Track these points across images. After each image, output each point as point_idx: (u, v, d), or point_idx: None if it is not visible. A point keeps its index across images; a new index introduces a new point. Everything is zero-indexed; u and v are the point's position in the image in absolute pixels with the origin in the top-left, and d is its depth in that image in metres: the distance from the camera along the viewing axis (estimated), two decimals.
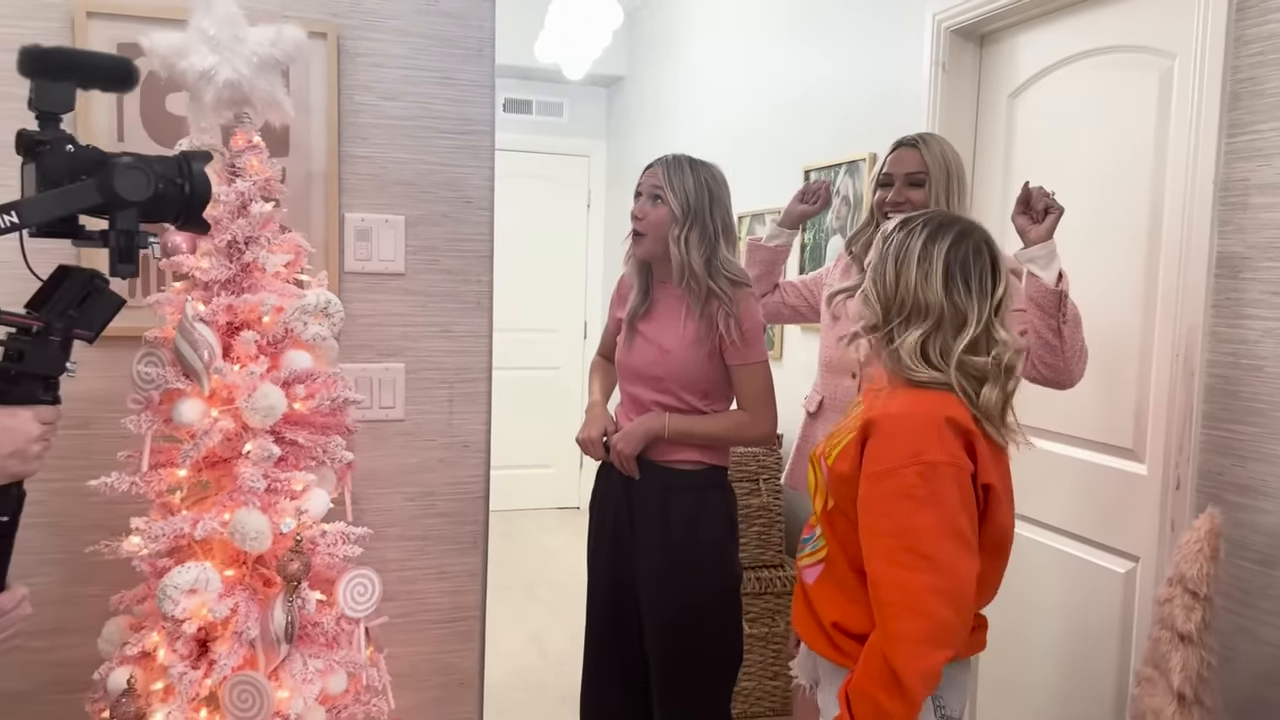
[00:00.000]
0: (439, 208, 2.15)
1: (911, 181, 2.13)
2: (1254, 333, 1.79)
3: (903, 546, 1.37)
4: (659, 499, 2.11)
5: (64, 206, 1.10)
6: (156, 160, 1.16)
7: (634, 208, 2.15)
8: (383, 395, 2.15)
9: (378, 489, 2.15)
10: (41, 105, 1.13)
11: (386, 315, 2.13)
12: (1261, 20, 1.78)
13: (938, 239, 1.46)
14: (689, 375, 2.10)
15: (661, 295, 2.18)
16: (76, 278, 1.15)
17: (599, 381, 2.39)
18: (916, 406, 1.44)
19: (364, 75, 2.06)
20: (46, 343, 1.11)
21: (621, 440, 2.13)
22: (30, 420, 1.10)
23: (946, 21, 2.65)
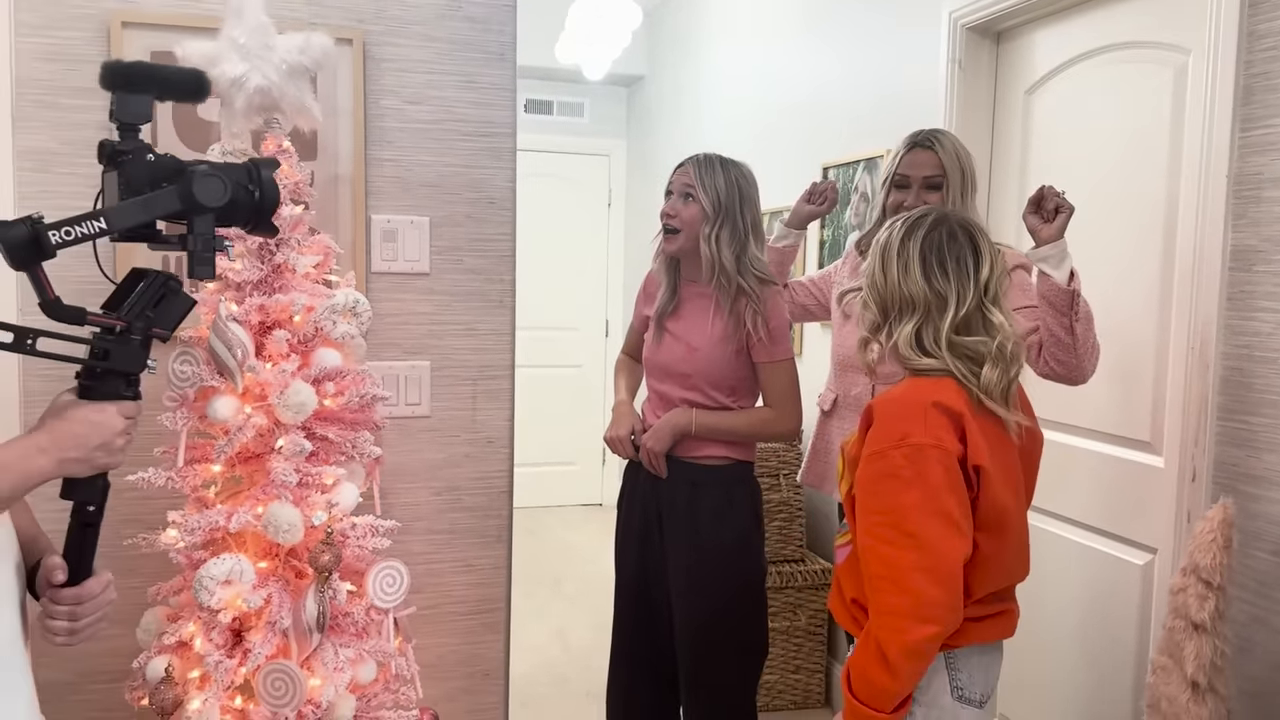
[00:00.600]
0: (462, 209, 2.19)
1: (929, 185, 2.12)
2: (1268, 325, 1.81)
3: (889, 524, 1.44)
4: (686, 495, 2.15)
5: (147, 213, 1.16)
6: (229, 168, 1.22)
7: (665, 206, 2.18)
8: (409, 392, 2.20)
9: (405, 483, 2.20)
10: (122, 116, 1.19)
11: (412, 314, 2.18)
12: (1274, 15, 1.80)
13: (913, 233, 1.52)
14: (717, 372, 2.13)
15: (689, 294, 2.21)
16: (153, 280, 1.20)
17: (625, 380, 2.42)
18: (909, 392, 1.49)
19: (389, 80, 2.11)
20: (128, 342, 1.17)
21: (651, 438, 2.16)
22: (115, 415, 1.15)
23: (963, 19, 2.67)
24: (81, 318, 1.13)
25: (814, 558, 3.28)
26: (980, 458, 1.43)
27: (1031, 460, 1.60)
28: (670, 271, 2.23)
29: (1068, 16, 2.45)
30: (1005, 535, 1.50)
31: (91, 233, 1.10)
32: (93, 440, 1.13)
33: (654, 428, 2.17)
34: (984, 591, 1.49)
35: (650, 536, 2.23)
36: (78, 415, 1.13)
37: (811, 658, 3.25)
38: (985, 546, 1.47)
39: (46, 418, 1.14)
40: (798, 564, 3.22)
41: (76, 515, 1.19)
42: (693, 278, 2.20)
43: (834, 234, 3.33)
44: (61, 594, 1.19)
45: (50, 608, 1.20)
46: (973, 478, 1.45)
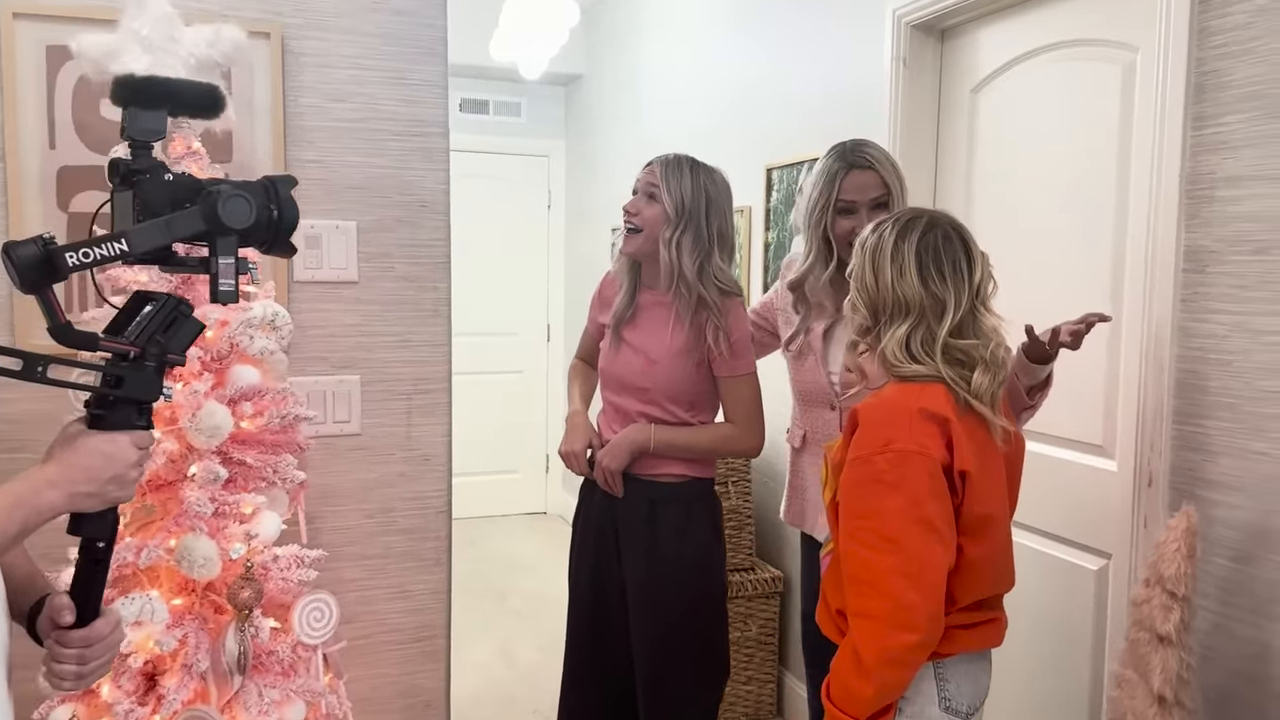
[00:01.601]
0: (393, 212, 2.08)
1: (876, 204, 2.03)
2: (1223, 327, 1.77)
3: (870, 528, 1.42)
4: (645, 513, 2.06)
5: (170, 234, 1.11)
6: (250, 186, 1.16)
7: (628, 203, 2.08)
8: (337, 409, 2.07)
9: (334, 507, 2.08)
10: (135, 134, 1.15)
11: (340, 325, 2.06)
12: (1224, 12, 1.76)
13: (907, 234, 1.49)
14: (676, 387, 2.05)
15: (647, 301, 2.12)
16: (164, 304, 1.15)
17: (579, 388, 2.30)
18: (895, 397, 1.47)
19: (310, 76, 1.99)
20: (142, 368, 1.11)
21: (607, 456, 2.06)
22: (128, 445, 1.09)
23: (907, 16, 2.61)
24: (94, 343, 1.09)
25: (764, 566, 3.21)
26: (966, 463, 1.41)
27: (1015, 466, 1.59)
28: (630, 275, 2.13)
29: (1014, 14, 2.41)
30: (990, 541, 1.48)
31: (111, 255, 1.05)
32: (105, 473, 1.07)
33: (610, 445, 2.07)
34: (971, 599, 1.47)
35: (606, 555, 2.13)
36: (89, 446, 1.08)
37: (763, 668, 3.18)
38: (970, 552, 1.45)
39: (55, 449, 1.09)
40: (748, 573, 3.15)
41: (85, 552, 1.14)
42: (651, 284, 2.11)
43: (778, 236, 3.27)
44: (69, 636, 1.13)
45: (57, 650, 1.13)
46: (958, 484, 1.42)
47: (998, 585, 1.54)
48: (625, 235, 2.07)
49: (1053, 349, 1.78)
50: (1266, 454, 1.70)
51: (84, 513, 1.09)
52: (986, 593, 1.52)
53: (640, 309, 2.12)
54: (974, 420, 1.46)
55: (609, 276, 2.25)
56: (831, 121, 2.97)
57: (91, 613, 1.15)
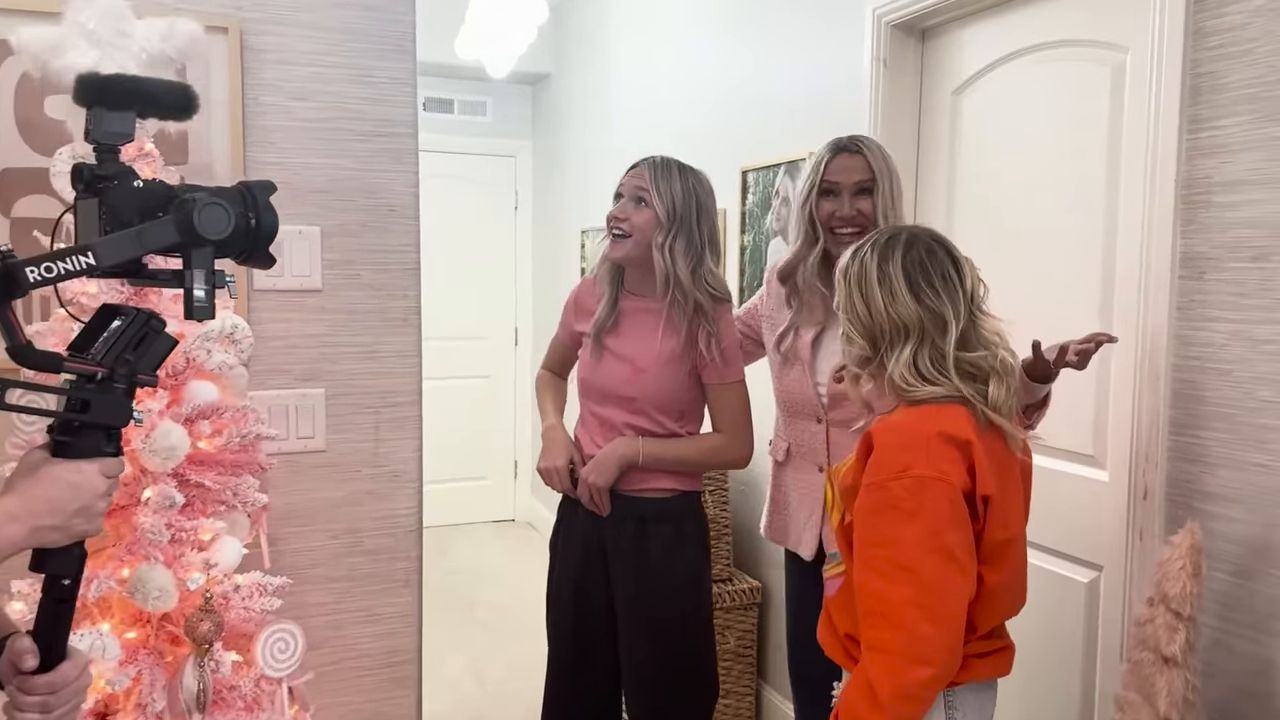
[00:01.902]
0: (358, 217, 1.98)
1: (860, 189, 1.98)
2: (1220, 335, 1.73)
3: (885, 557, 1.36)
4: (633, 532, 1.98)
5: (141, 246, 1.02)
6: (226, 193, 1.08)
7: (614, 209, 1.99)
8: (300, 424, 1.97)
9: (298, 528, 1.98)
10: (100, 137, 1.06)
11: (303, 336, 1.96)
12: (1220, 13, 1.72)
13: (889, 254, 1.44)
14: (665, 396, 1.97)
15: (631, 307, 2.03)
16: (133, 319, 1.06)
17: (551, 400, 2.20)
18: (912, 420, 1.41)
19: (270, 73, 1.89)
20: (110, 390, 1.02)
21: (593, 472, 1.97)
22: (96, 475, 1.01)
23: (887, 16, 2.56)
24: (58, 365, 1.01)
25: (742, 577, 3.14)
26: (988, 487, 1.36)
27: (1027, 479, 1.54)
28: (612, 281, 2.04)
29: (997, 14, 2.36)
30: (1010, 565, 1.43)
31: (77, 269, 0.97)
32: (71, 505, 0.99)
33: (596, 460, 1.98)
34: (989, 626, 1.42)
35: (591, 578, 2.04)
36: (53, 476, 1.00)
37: (741, 681, 3.11)
38: (990, 579, 1.40)
39: (16, 479, 1.02)
40: (725, 584, 3.08)
41: (49, 591, 1.07)
42: (636, 290, 2.03)
43: (754, 239, 3.20)
44: (33, 682, 1.05)
45: (19, 698, 1.04)
46: (979, 509, 1.37)
47: (1013, 609, 1.49)
48: (612, 240, 1.98)
49: (1057, 368, 1.73)
50: (1267, 466, 1.66)
51: (48, 548, 1.02)
52: (1004, 618, 1.48)
53: (624, 315, 2.04)
54: (992, 437, 1.41)
55: (586, 282, 2.17)
56: (809, 123, 2.91)
57: (57, 656, 1.07)
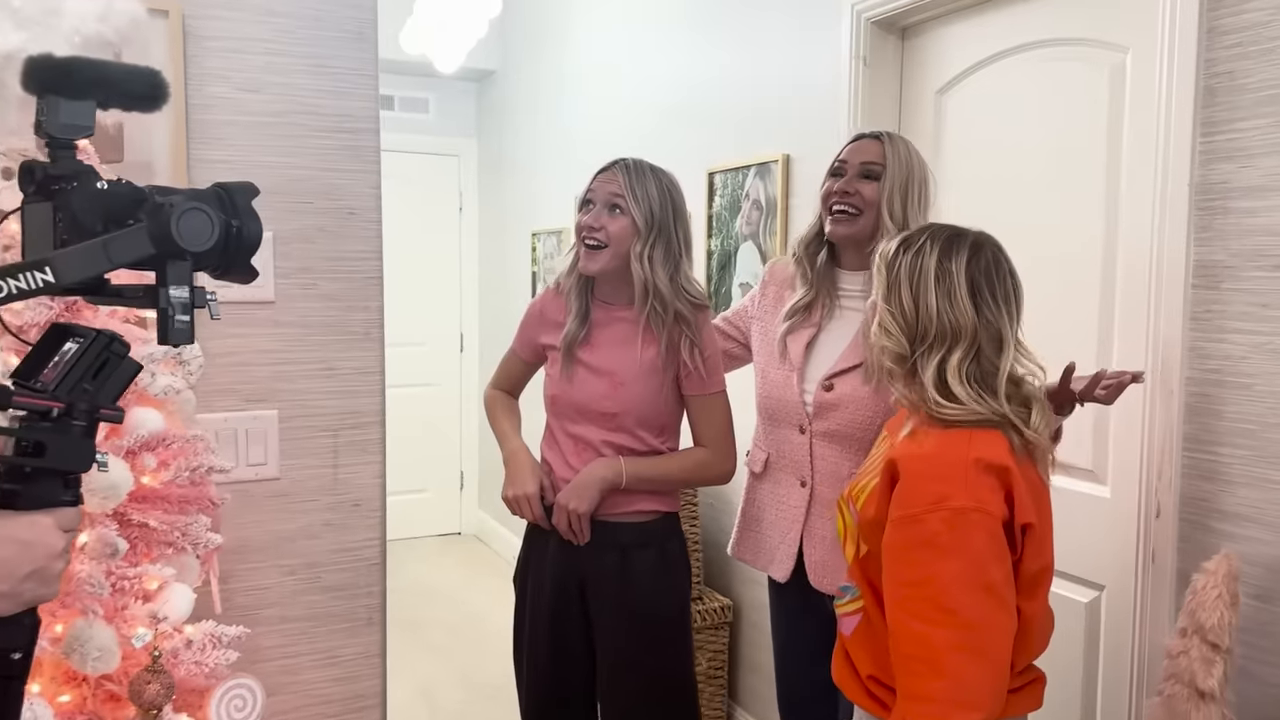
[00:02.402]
0: (315, 220, 1.81)
1: (866, 173, 1.86)
2: (1240, 348, 1.65)
3: (923, 598, 1.25)
4: (616, 561, 1.84)
5: (110, 260, 0.85)
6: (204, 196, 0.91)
7: (585, 218, 1.85)
8: (251, 450, 1.79)
9: (249, 564, 1.79)
10: (55, 130, 0.90)
11: (253, 353, 1.78)
12: (1239, 10, 1.64)
13: (952, 254, 1.34)
14: (647, 409, 1.83)
15: (605, 318, 1.89)
16: (93, 341, 0.90)
17: (509, 421, 2.04)
18: (946, 447, 1.30)
19: (216, 62, 1.70)
20: (68, 429, 0.87)
21: (573, 498, 1.82)
22: (52, 530, 0.86)
23: (868, 12, 2.45)
24: (6, 399, 0.86)
25: (713, 595, 3.02)
26: (1028, 515, 1.27)
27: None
28: (581, 291, 1.90)
29: (983, 11, 2.27)
30: (1042, 594, 1.35)
31: (33, 287, 0.82)
32: (22, 567, 0.84)
33: (574, 484, 1.83)
34: (1026, 660, 1.33)
35: (568, 613, 1.89)
36: (2, 534, 0.85)
37: (712, 703, 2.99)
38: (1026, 610, 1.31)
39: None
40: (696, 602, 2.95)
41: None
42: (608, 299, 1.89)
43: (723, 243, 3.08)
44: None
45: None
46: (1018, 539, 1.27)
47: (1046, 640, 1.41)
48: (586, 252, 1.84)
49: (1082, 400, 1.62)
50: None
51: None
52: (1040, 651, 1.38)
53: (596, 327, 1.89)
54: (1026, 462, 1.32)
55: (549, 293, 2.01)
56: (782, 123, 2.80)
57: None
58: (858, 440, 1.82)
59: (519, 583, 2.00)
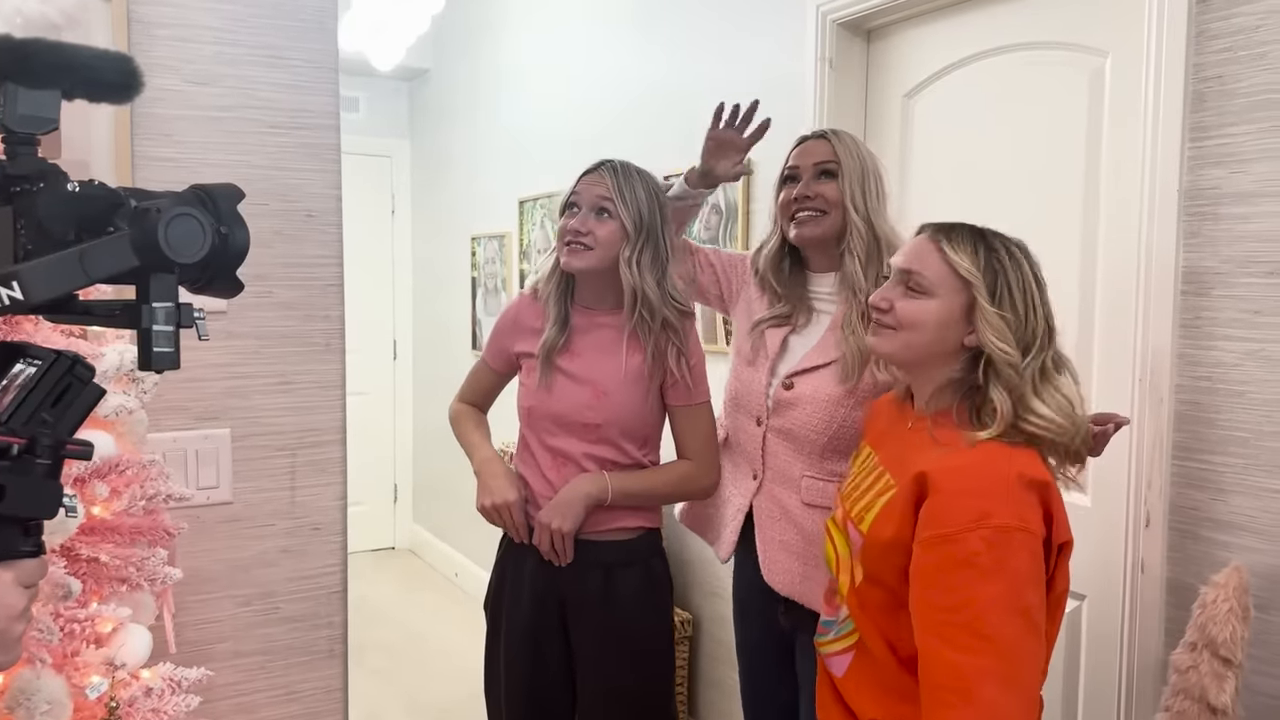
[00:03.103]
0: (270, 223, 1.67)
1: (822, 172, 1.80)
2: (1231, 355, 1.64)
3: (960, 623, 1.18)
4: (599, 581, 1.74)
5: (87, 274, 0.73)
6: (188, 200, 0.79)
7: (572, 222, 1.75)
8: (203, 472, 1.65)
9: (200, 595, 1.65)
10: (15, 123, 0.77)
11: (204, 367, 1.64)
12: (1229, 14, 1.63)
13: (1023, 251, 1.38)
14: (632, 420, 1.75)
15: (585, 323, 1.80)
16: (53, 364, 0.78)
17: (479, 432, 1.92)
18: (986, 461, 1.24)
19: (164, 51, 1.56)
20: (29, 469, 0.75)
21: (556, 516, 1.72)
22: (12, 587, 0.74)
23: (833, 14, 2.41)
24: None
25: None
26: (1066, 533, 1.22)
27: None
28: (560, 296, 1.80)
29: (952, 14, 2.24)
30: (1060, 617, 1.30)
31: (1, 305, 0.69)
32: None
33: (557, 501, 1.73)
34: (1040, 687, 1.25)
35: (548, 636, 1.79)
36: None
37: None
38: (1050, 633, 1.26)
39: None
40: None
41: None
42: (590, 304, 1.80)
43: None
44: None
45: None
46: (1052, 559, 1.22)
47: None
48: (570, 250, 1.74)
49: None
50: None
51: None
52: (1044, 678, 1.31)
53: (576, 333, 1.80)
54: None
55: (524, 299, 1.91)
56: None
57: None
58: (809, 443, 1.75)
59: (491, 608, 1.88)
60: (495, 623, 1.86)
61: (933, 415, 1.35)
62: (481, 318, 4.38)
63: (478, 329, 4.41)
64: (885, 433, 1.48)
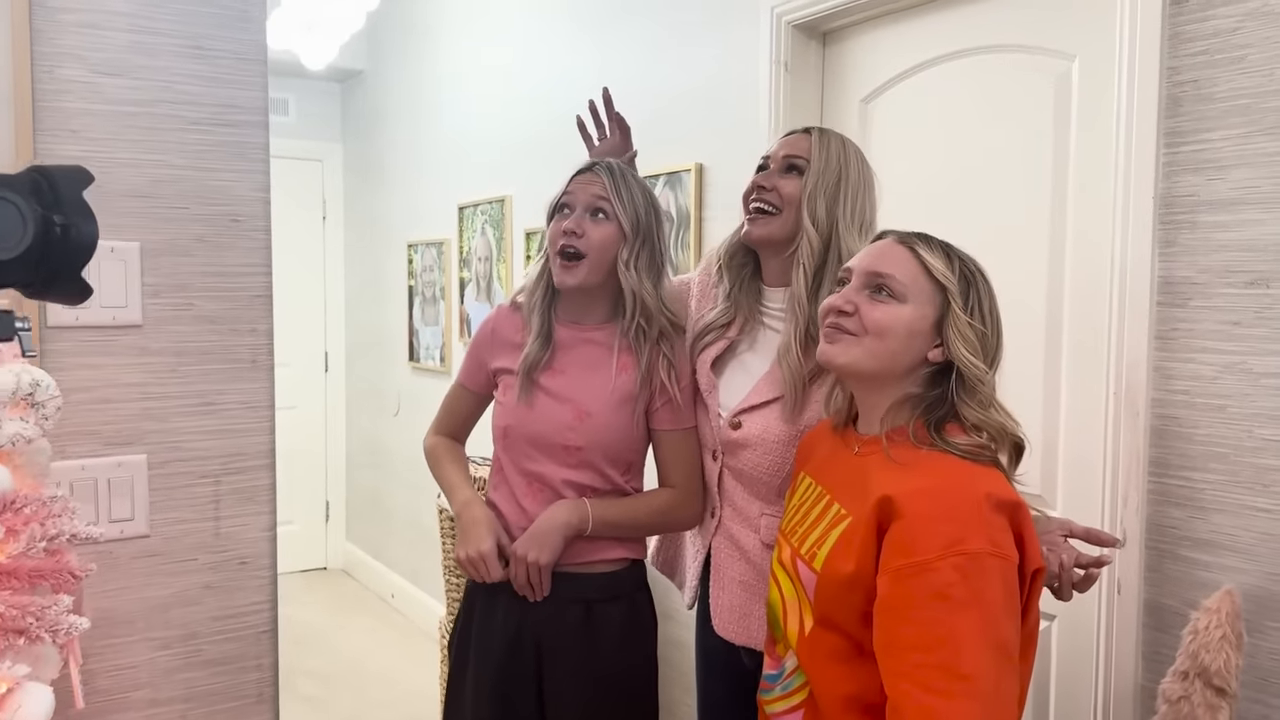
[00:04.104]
0: (192, 229, 1.53)
1: (788, 165, 1.66)
2: (1210, 368, 1.59)
3: (936, 664, 1.08)
4: (579, 619, 1.62)
5: None
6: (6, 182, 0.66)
7: (565, 223, 1.63)
8: (115, 504, 1.49)
9: (112, 639, 1.49)
10: None
11: (116, 387, 1.48)
12: (1204, 16, 1.58)
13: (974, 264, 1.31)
14: (617, 443, 1.63)
15: (570, 338, 1.68)
16: None
17: (459, 471, 1.77)
18: (950, 481, 1.15)
19: (72, 40, 1.41)
20: None
21: (532, 547, 1.59)
22: None
23: (788, 15, 2.33)
24: None
25: None
26: (1038, 558, 1.15)
27: None
28: (543, 309, 1.68)
29: (911, 17, 2.18)
30: (1033, 652, 1.22)
31: None
32: None
33: (534, 532, 1.61)
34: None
35: (519, 686, 1.65)
36: None
37: None
38: (1025, 672, 1.18)
39: None
40: None
41: None
42: (577, 318, 1.69)
43: None
44: None
45: None
46: (1025, 586, 1.14)
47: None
48: (562, 264, 1.63)
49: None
50: (1270, 510, 1.52)
51: None
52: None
53: (561, 349, 1.68)
54: None
55: (503, 311, 1.78)
56: (695, 131, 2.65)
57: None
58: (765, 484, 1.63)
59: (456, 649, 1.75)
60: (461, 665, 1.73)
61: (886, 434, 1.27)
62: (419, 327, 4.22)
63: (415, 339, 4.25)
64: (828, 460, 1.38)
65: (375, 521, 4.71)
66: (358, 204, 4.87)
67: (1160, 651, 1.65)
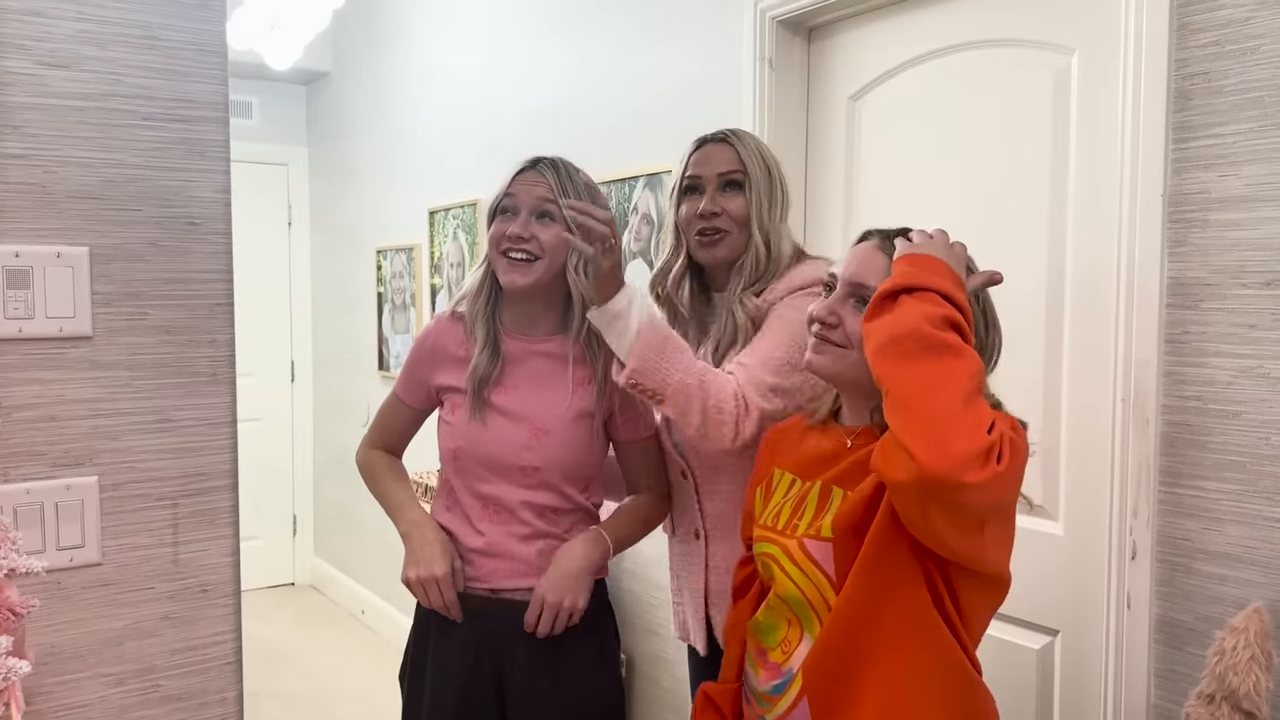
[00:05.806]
0: (145, 232, 1.42)
1: (727, 182, 1.65)
2: (1224, 373, 1.52)
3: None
4: (546, 648, 1.53)
5: None
6: None
7: (511, 227, 1.54)
8: (64, 530, 1.38)
9: (62, 675, 1.38)
10: None
11: (64, 404, 1.37)
12: (1215, 5, 1.52)
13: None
14: (576, 461, 1.55)
15: (520, 351, 1.59)
16: None
17: (402, 487, 1.68)
18: None
19: (14, 29, 1.30)
20: None
21: (568, 592, 1.50)
22: None
23: (773, 11, 2.25)
24: None
25: None
26: None
27: None
28: (487, 320, 1.58)
29: (901, 12, 2.11)
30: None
31: None
32: None
33: (560, 575, 1.51)
34: None
35: (481, 711, 1.56)
36: None
37: None
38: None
39: None
40: None
41: None
42: (524, 330, 1.59)
43: None
44: None
45: None
46: None
47: None
48: (511, 264, 1.53)
49: None
50: None
51: None
52: None
53: (510, 363, 1.59)
54: None
55: (444, 323, 1.68)
56: (676, 129, 2.56)
57: None
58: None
59: (409, 678, 1.65)
60: (415, 695, 1.62)
61: (878, 424, 1.25)
62: (389, 335, 4.10)
63: (385, 347, 4.13)
64: (814, 458, 1.34)
65: (344, 535, 4.58)
66: (325, 209, 4.74)
67: (1175, 669, 1.58)
